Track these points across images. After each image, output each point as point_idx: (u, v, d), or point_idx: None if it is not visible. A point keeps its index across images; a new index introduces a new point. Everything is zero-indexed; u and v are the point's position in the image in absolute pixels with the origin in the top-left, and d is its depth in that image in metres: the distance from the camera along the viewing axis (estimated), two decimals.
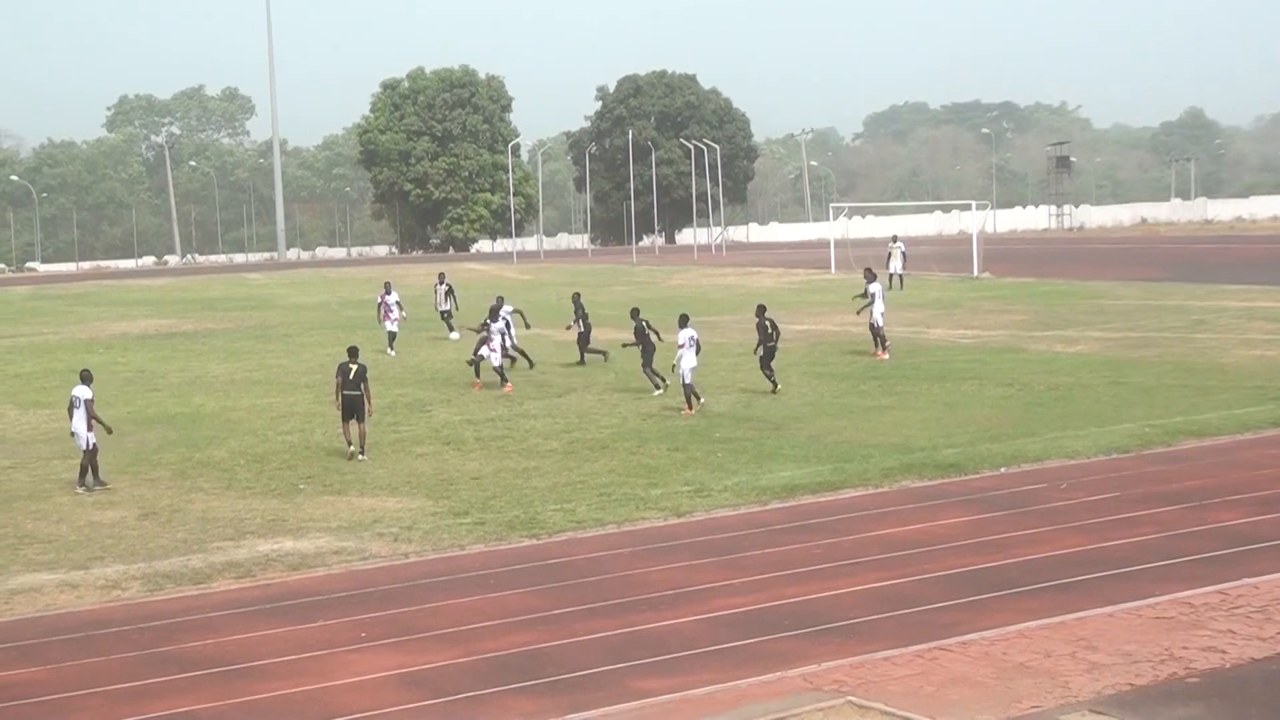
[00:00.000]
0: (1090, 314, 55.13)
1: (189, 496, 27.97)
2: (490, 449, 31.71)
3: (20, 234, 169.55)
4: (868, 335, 46.71)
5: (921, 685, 16.39)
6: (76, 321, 65.77)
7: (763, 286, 76.29)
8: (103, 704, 16.80)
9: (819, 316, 57.57)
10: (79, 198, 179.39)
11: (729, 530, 24.05)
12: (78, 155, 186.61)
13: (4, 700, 17.05)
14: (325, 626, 19.49)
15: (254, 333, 58.26)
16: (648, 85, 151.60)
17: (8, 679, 17.81)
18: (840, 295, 67.26)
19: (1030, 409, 34.69)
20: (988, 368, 41.60)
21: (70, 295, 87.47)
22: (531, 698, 16.55)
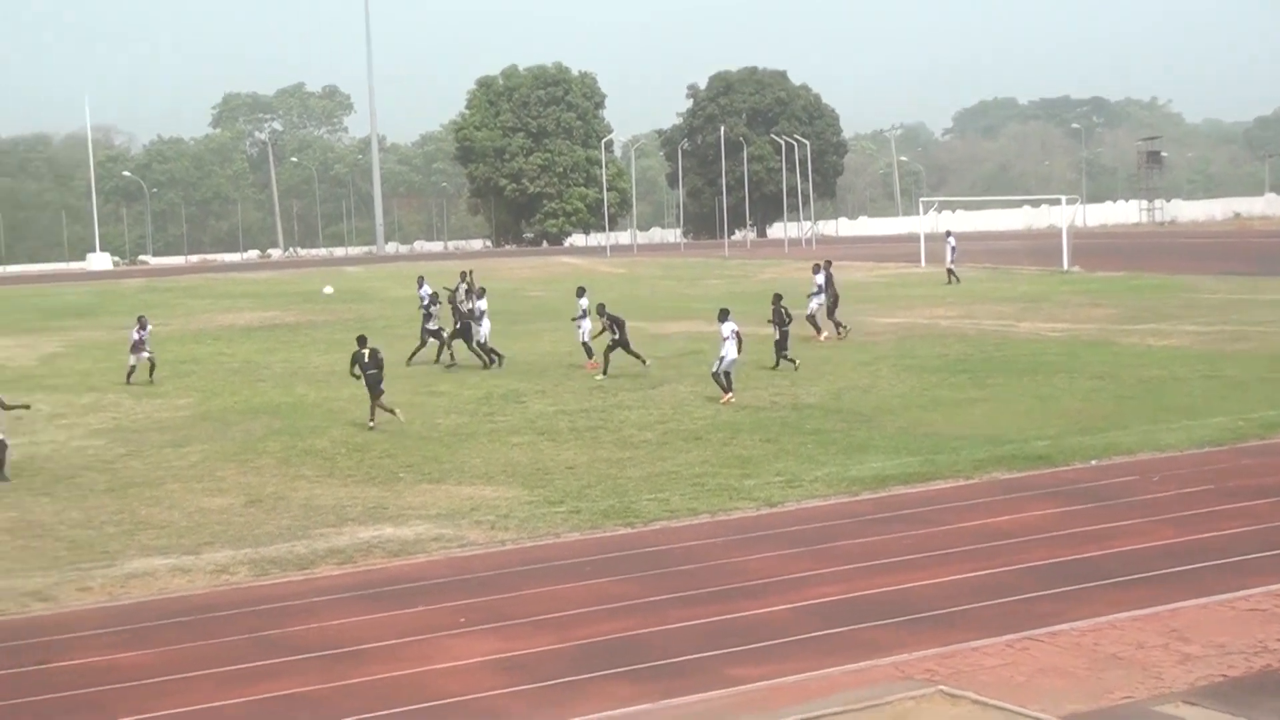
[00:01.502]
0: (1182, 308, 54.53)
1: (293, 484, 28.27)
2: (585, 439, 31.82)
3: (133, 228, 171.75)
4: (958, 328, 46.59)
5: (1012, 675, 16.33)
6: (185, 314, 66.58)
7: (852, 279, 75.88)
8: (213, 686, 17.02)
9: (909, 310, 57.29)
10: (187, 193, 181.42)
11: (820, 520, 24.03)
12: (186, 152, 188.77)
13: (120, 681, 17.31)
14: (425, 612, 19.64)
15: (353, 325, 58.51)
16: (739, 82, 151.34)
17: (124, 661, 18.09)
18: (929, 289, 67.05)
19: (1121, 402, 34.38)
20: (1078, 361, 41.25)
21: (179, 288, 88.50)
22: (627, 683, 16.61)
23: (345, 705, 16.21)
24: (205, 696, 16.66)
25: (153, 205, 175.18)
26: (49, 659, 18.22)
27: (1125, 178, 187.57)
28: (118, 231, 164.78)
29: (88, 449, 32.61)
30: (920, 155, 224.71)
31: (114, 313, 69.44)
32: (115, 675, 17.53)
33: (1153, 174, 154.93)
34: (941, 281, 69.86)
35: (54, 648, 18.64)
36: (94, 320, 66.11)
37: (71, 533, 24.74)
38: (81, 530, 24.90)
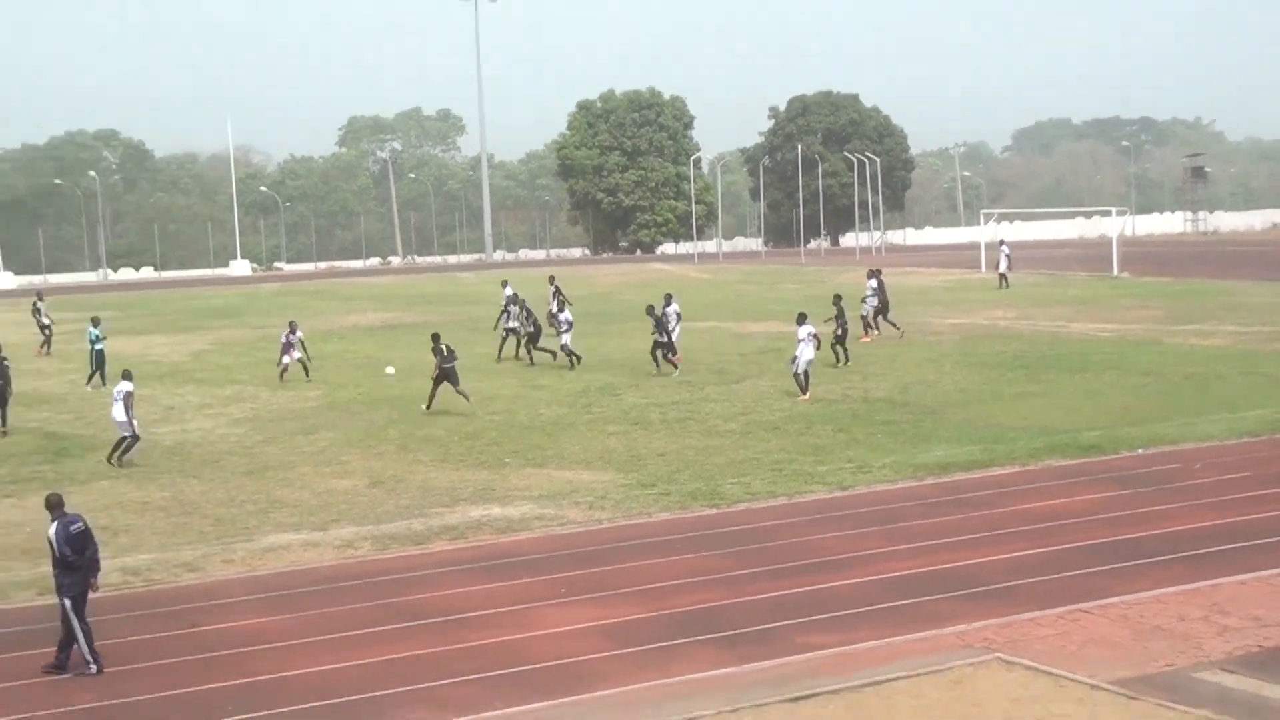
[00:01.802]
0: (1224, 310, 53.75)
1: (410, 468, 28.46)
2: (674, 429, 31.84)
3: (269, 238, 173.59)
4: (1015, 328, 46.23)
5: (1064, 644, 16.25)
6: (315, 315, 67.10)
7: (919, 285, 75.49)
8: (339, 648, 17.24)
9: (970, 311, 56.87)
10: (316, 206, 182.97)
11: (888, 503, 23.94)
12: (315, 169, 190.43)
13: (259, 643, 17.57)
14: (529, 583, 19.76)
15: (465, 325, 58.91)
16: (815, 105, 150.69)
17: (261, 625, 18.36)
18: (988, 293, 66.53)
19: (1166, 396, 33.96)
20: (1126, 359, 40.79)
21: (309, 291, 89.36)
22: (713, 649, 16.67)
23: (457, 667, 16.37)
24: (332, 658, 16.87)
25: (286, 217, 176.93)
26: (198, 623, 18.51)
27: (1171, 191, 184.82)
28: (256, 241, 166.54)
29: (230, 436, 33.01)
30: (981, 171, 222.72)
31: (253, 313, 70.24)
32: (254, 638, 17.79)
33: (1197, 188, 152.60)
34: (993, 286, 69.34)
35: (202, 613, 18.94)
36: (236, 320, 66.89)
37: (216, 510, 25.09)
38: (225, 508, 25.24)
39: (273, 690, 15.89)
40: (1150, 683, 14.85)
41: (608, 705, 15.04)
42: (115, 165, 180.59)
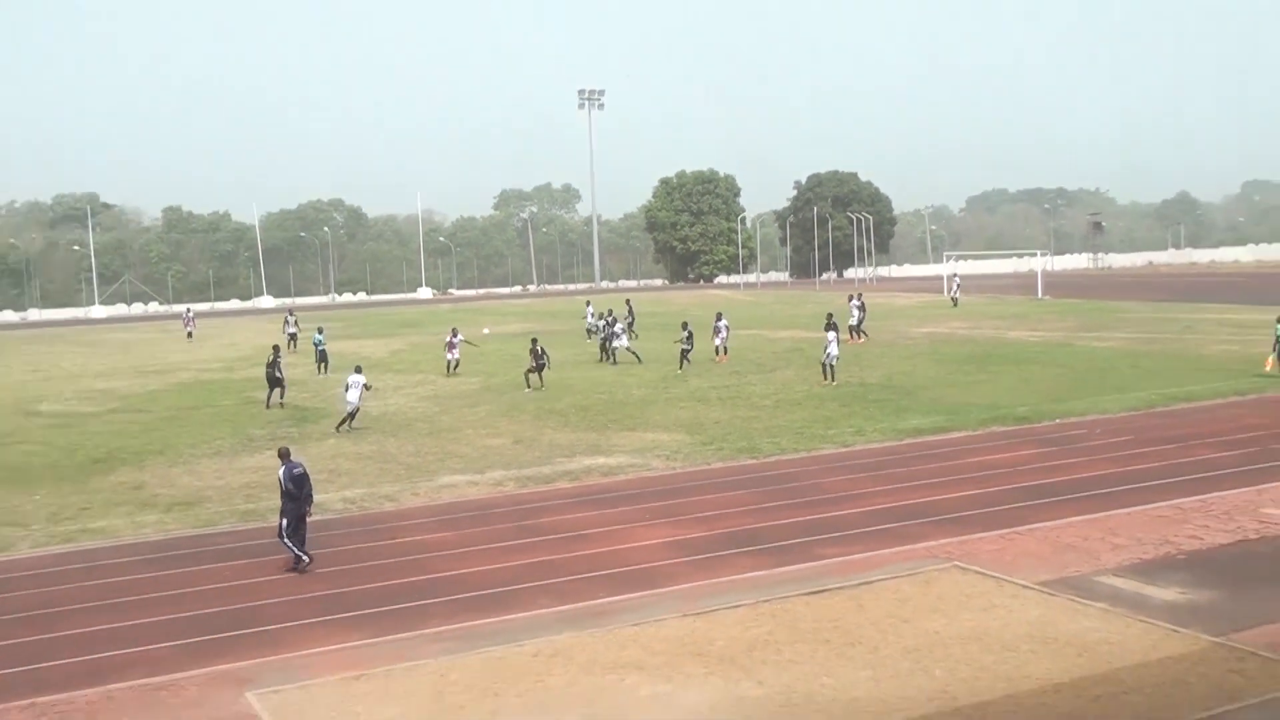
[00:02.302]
0: (1117, 322, 52.76)
1: (542, 431, 28.50)
2: (726, 404, 31.69)
3: (444, 272, 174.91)
4: (969, 334, 45.63)
5: (1002, 556, 16.05)
6: (475, 325, 67.57)
7: (899, 305, 74.76)
8: (492, 554, 17.32)
9: (936, 323, 56.21)
10: (477, 250, 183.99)
11: (878, 456, 23.71)
12: (477, 225, 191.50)
13: (436, 551, 17.70)
14: (624, 511, 19.76)
15: (581, 331, 59.08)
16: (826, 179, 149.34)
17: (439, 538, 18.48)
18: (949, 310, 65.71)
19: (1076, 382, 33.37)
20: (1048, 355, 40.13)
21: (472, 309, 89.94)
22: (752, 558, 16.59)
23: (575, 567, 16.41)
24: (487, 561, 16.96)
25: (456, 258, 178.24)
26: (395, 536, 18.68)
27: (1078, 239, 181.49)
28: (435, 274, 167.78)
29: (416, 408, 33.24)
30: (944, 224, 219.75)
31: (433, 324, 70.75)
32: (434, 547, 17.93)
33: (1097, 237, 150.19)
34: (949, 305, 68.56)
35: (397, 530, 19.12)
36: (421, 329, 67.42)
37: (407, 460, 25.28)
38: (413, 458, 25.42)
39: (446, 584, 16.01)
40: (1064, 584, 14.64)
41: (678, 596, 15.01)
42: (341, 223, 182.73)
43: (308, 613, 14.99)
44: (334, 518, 20.02)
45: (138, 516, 20.61)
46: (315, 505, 20.50)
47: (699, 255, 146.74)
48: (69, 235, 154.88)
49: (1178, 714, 10.82)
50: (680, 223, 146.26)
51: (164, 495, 22.33)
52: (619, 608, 14.64)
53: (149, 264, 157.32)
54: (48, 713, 12.09)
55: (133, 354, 57.38)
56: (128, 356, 55.82)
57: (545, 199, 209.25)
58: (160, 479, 23.96)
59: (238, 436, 29.07)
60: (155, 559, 17.82)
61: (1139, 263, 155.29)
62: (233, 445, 27.77)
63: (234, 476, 23.92)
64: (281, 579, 16.46)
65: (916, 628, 13.29)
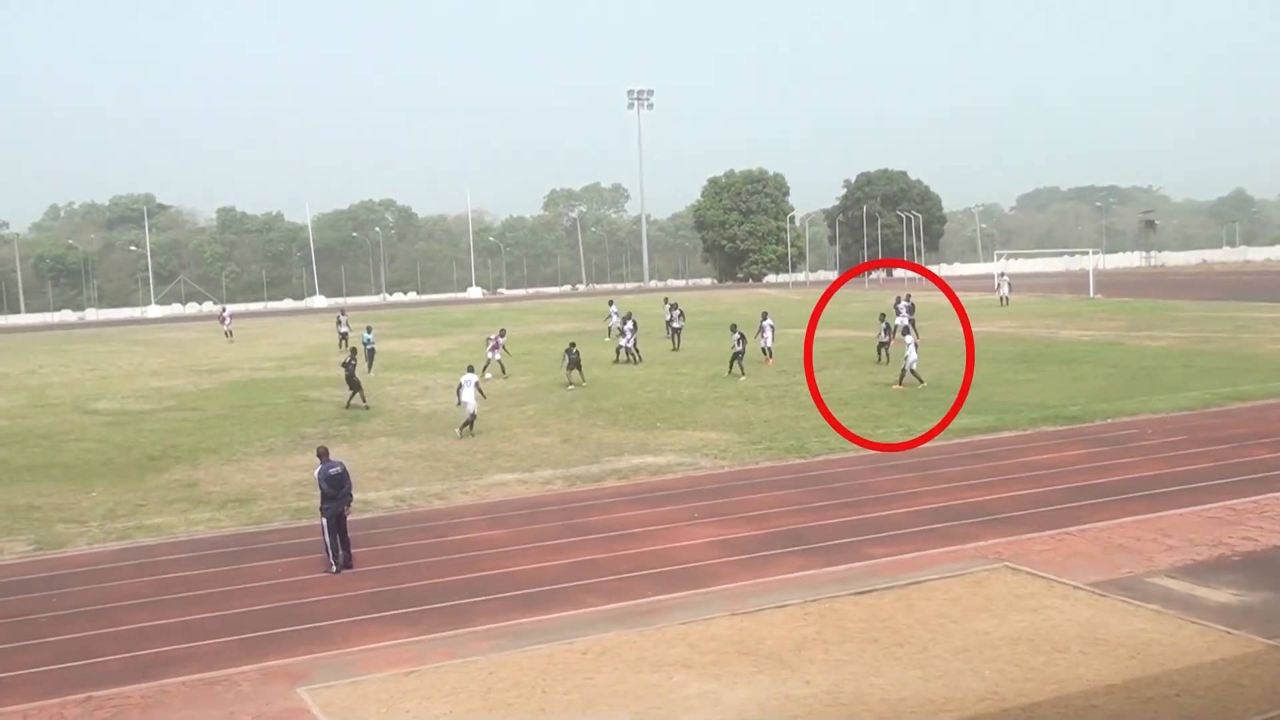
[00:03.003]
0: (1169, 321, 51.97)
1: (590, 430, 28.56)
2: (775, 403, 31.61)
3: (494, 271, 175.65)
4: (1019, 334, 45.24)
5: (1053, 557, 15.91)
6: (524, 324, 67.97)
7: (946, 303, 74.16)
8: (539, 553, 17.42)
9: (987, 322, 55.65)
10: (526, 250, 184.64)
11: (927, 456, 23.54)
12: (526, 225, 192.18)
13: (485, 549, 17.82)
14: (672, 509, 19.77)
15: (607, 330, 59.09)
16: (876, 178, 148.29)
17: (488, 536, 18.61)
18: (1000, 310, 65.09)
19: (1127, 382, 32.92)
20: (1099, 354, 39.63)
21: (522, 308, 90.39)
22: (801, 557, 16.56)
23: (622, 566, 16.46)
24: (536, 559, 17.06)
25: (505, 258, 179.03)
26: (444, 534, 18.83)
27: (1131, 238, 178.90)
28: (485, 274, 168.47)
29: None
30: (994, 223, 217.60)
31: (482, 324, 71.14)
32: (483, 545, 18.05)
33: (1149, 235, 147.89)
34: (999, 304, 67.85)
35: (446, 528, 19.26)
36: (470, 329, 67.79)
37: (457, 458, 25.44)
38: (463, 456, 25.58)
39: (494, 581, 16.12)
40: (1115, 585, 14.49)
41: (725, 595, 15.02)
42: (392, 223, 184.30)
43: (358, 609, 15.16)
44: (384, 515, 20.21)
45: (191, 514, 20.95)
46: (367, 503, 20.67)
47: (748, 254, 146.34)
48: (125, 236, 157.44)
49: (1231, 717, 10.68)
50: (729, 222, 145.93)
51: (217, 493, 22.67)
52: (667, 606, 14.67)
53: (203, 264, 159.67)
54: (104, 706, 12.34)
55: (187, 353, 58.27)
56: (182, 355, 56.70)
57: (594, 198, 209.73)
58: (213, 476, 24.32)
59: (290, 434, 29.41)
60: (208, 555, 18.11)
61: (1192, 261, 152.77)
62: (285, 443, 28.11)
63: (286, 474, 24.22)
64: (332, 577, 16.65)
65: (966, 628, 13.22)
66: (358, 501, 20.44)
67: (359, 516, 19.74)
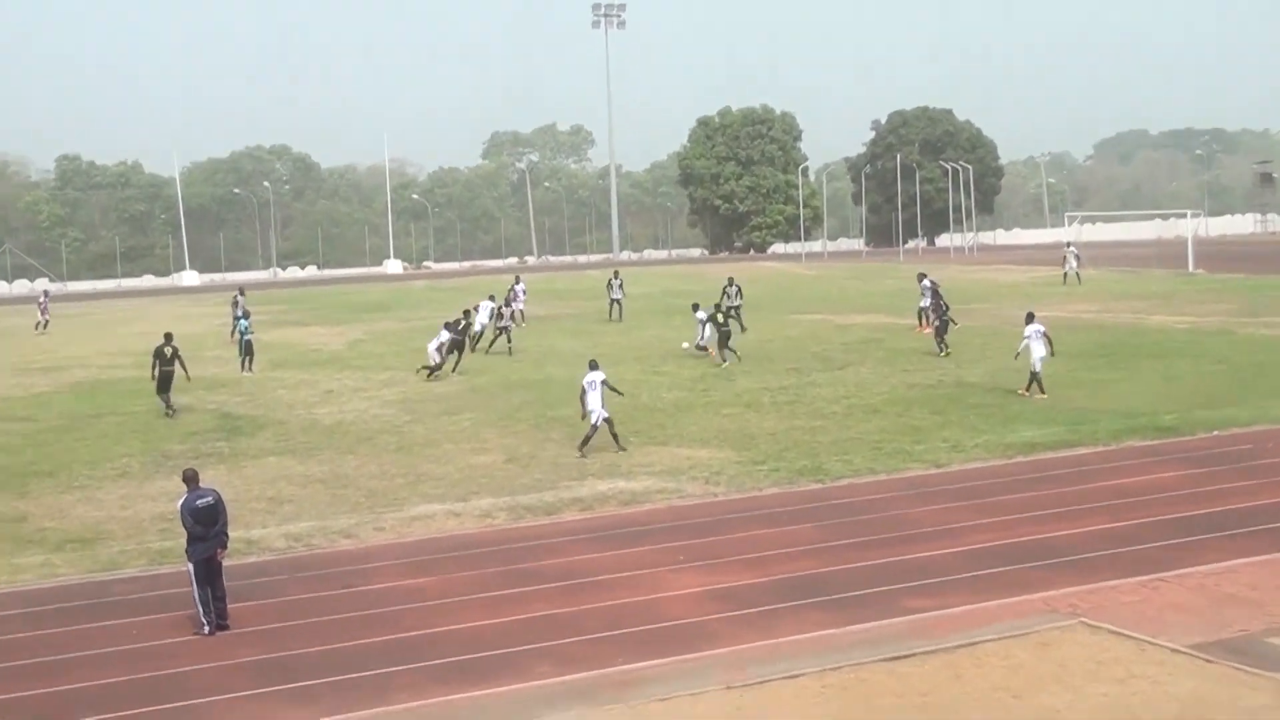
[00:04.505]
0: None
1: (543, 445, 28.48)
2: (783, 411, 31.61)
3: (418, 240, 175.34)
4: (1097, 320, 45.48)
5: (1145, 610, 15.91)
6: (459, 308, 67.61)
7: (1008, 281, 74.56)
8: (479, 607, 17.30)
9: (1055, 305, 55.87)
10: (461, 211, 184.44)
11: (980, 479, 23.57)
12: (460, 179, 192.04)
13: (406, 602, 17.69)
14: (650, 550, 19.70)
15: (594, 317, 59.19)
16: (912, 118, 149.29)
17: (409, 586, 18.48)
18: (1072, 288, 65.42)
19: (1239, 382, 33.10)
20: (1201, 347, 39.87)
21: (455, 287, 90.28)
22: (817, 611, 16.51)
23: (585, 625, 16.37)
24: (472, 616, 16.94)
25: (434, 221, 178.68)
26: (352, 584, 18.69)
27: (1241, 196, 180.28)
28: (407, 243, 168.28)
29: (382, 416, 33.30)
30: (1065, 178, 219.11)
31: (404, 307, 71.05)
32: (403, 597, 17.92)
33: (1265, 192, 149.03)
34: (1061, 284, 68.07)
35: (356, 575, 19.12)
36: (389, 313, 67.66)
37: (369, 483, 25.29)
38: (377, 481, 25.44)
39: (419, 645, 15.99)
40: (1226, 647, 14.48)
41: (719, 663, 14.94)
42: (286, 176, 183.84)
43: (240, 683, 15.00)
44: (273, 559, 20.02)
45: (17, 558, 20.70)
46: (250, 543, 20.49)
47: (748, 218, 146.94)
48: None
49: None
50: (724, 175, 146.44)
51: (53, 530, 22.42)
52: (643, 677, 14.59)
53: (37, 230, 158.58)
54: None
55: (15, 345, 57.84)
56: (8, 348, 56.27)
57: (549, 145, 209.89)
58: (48, 509, 24.06)
59: (150, 453, 29.15)
60: (40, 614, 17.88)
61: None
62: (143, 465, 27.87)
63: (144, 505, 23.97)
64: (205, 640, 16.46)
65: (1032, 705, 13.18)
66: (240, 541, 20.22)
67: (240, 561, 19.49)
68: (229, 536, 17.41)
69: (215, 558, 16.84)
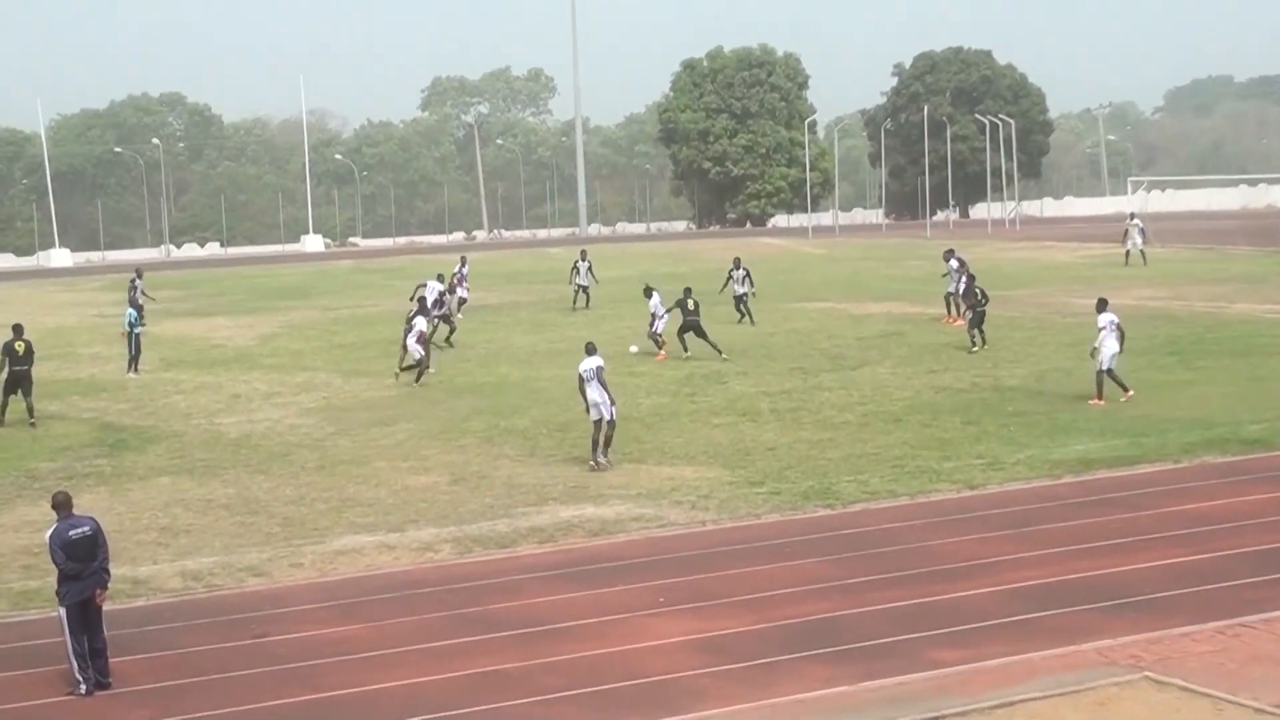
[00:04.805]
0: None
1: (495, 463, 28.52)
2: (785, 420, 31.71)
3: (344, 210, 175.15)
4: (1167, 309, 45.77)
5: (1222, 662, 15.99)
6: (393, 295, 67.57)
7: (1057, 261, 74.83)
8: (418, 661, 17.31)
9: (1116, 290, 55.84)
10: (395, 175, 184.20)
11: (1022, 503, 23.70)
12: (394, 135, 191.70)
13: (330, 655, 17.69)
14: (625, 591, 19.74)
15: (556, 305, 59.19)
16: (943, 61, 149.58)
17: (333, 635, 18.47)
18: (1136, 270, 65.71)
19: None
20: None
21: (387, 269, 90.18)
22: (826, 664, 16.56)
23: (546, 682, 16.39)
24: (410, 672, 16.95)
25: (362, 188, 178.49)
26: (264, 632, 18.67)
27: None
28: (330, 214, 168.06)
29: (300, 427, 33.29)
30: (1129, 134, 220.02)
31: (326, 293, 70.98)
32: (325, 649, 17.91)
33: None
34: (1123, 264, 68.45)
35: (268, 622, 19.10)
36: (308, 301, 67.58)
37: (284, 509, 25.28)
38: (294, 507, 25.43)
39: (346, 706, 16.00)
40: None
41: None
42: (180, 132, 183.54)
43: None
44: (167, 602, 20.00)
45: None
46: (138, 582, 20.44)
47: (743, 183, 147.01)
48: None
49: None
50: (714, 131, 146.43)
51: None
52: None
53: None
54: None
55: None
56: None
57: (502, 93, 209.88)
58: None
59: (10, 473, 29.08)
60: None
61: None
62: (3, 487, 27.79)
63: (3, 538, 23.90)
64: (81, 700, 16.45)
65: None
66: (124, 580, 20.19)
67: (125, 604, 19.49)
68: (110, 575, 17.30)
69: (94, 600, 16.76)
